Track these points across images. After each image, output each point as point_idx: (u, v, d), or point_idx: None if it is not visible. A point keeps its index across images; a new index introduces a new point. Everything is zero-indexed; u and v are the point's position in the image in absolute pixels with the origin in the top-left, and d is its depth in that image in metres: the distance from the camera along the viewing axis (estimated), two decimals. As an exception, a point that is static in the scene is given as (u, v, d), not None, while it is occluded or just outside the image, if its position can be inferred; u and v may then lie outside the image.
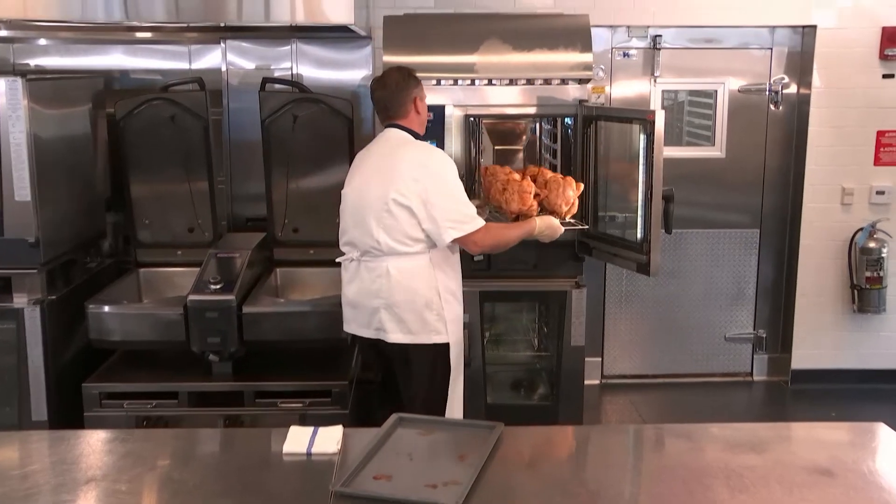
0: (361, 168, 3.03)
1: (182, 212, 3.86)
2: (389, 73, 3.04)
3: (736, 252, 4.73)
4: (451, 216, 2.85)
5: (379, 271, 2.91)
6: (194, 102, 3.76)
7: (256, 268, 3.70)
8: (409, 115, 3.01)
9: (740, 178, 4.66)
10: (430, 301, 2.91)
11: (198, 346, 3.32)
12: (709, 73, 4.58)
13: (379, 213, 2.87)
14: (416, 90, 3.02)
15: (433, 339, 2.93)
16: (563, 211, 3.37)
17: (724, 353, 4.82)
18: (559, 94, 3.71)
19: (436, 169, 2.87)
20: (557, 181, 3.37)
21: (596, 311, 4.63)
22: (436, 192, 2.84)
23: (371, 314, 2.96)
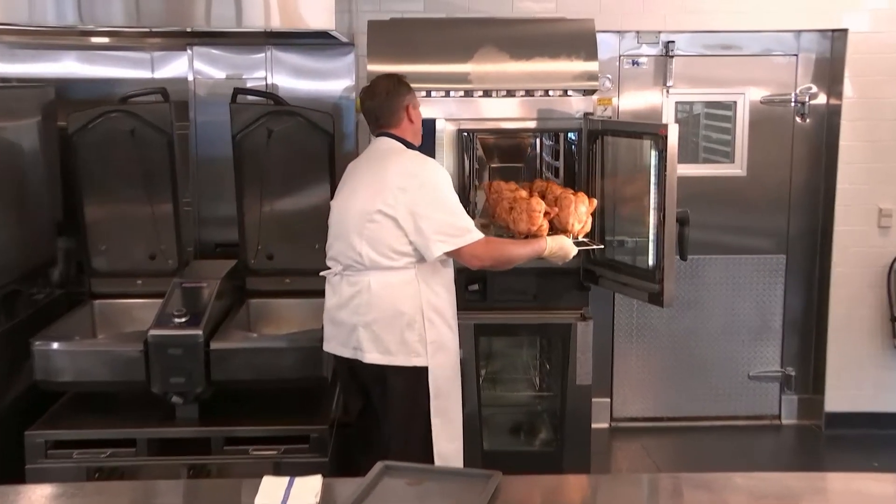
0: (350, 179, 3.14)
1: (143, 236, 3.89)
2: (378, 82, 3.14)
3: (759, 280, 4.77)
4: (441, 228, 2.93)
5: (360, 286, 3.00)
6: (157, 115, 3.81)
7: (226, 299, 3.73)
8: (402, 123, 3.12)
9: (763, 197, 4.70)
10: (412, 320, 2.98)
11: (159, 387, 3.34)
12: (727, 82, 4.64)
13: (362, 224, 2.97)
14: (407, 97, 3.12)
15: (412, 361, 3.00)
16: (575, 230, 3.43)
17: (748, 394, 4.84)
18: (561, 107, 3.78)
19: (426, 178, 2.96)
20: (568, 197, 3.43)
21: (604, 346, 4.65)
22: (425, 203, 2.93)
23: (349, 332, 3.04)
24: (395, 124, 3.12)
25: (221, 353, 3.36)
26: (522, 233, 3.39)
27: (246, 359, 3.38)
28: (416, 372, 3.00)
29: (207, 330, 3.39)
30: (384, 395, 3.06)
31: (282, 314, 3.88)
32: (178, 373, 3.32)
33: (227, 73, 4.36)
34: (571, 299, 3.86)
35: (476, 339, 3.84)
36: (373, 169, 3.05)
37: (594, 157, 3.76)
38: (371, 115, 3.14)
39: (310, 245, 3.79)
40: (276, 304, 3.89)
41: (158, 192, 3.87)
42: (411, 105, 3.13)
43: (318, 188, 3.84)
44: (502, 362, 4.49)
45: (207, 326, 3.39)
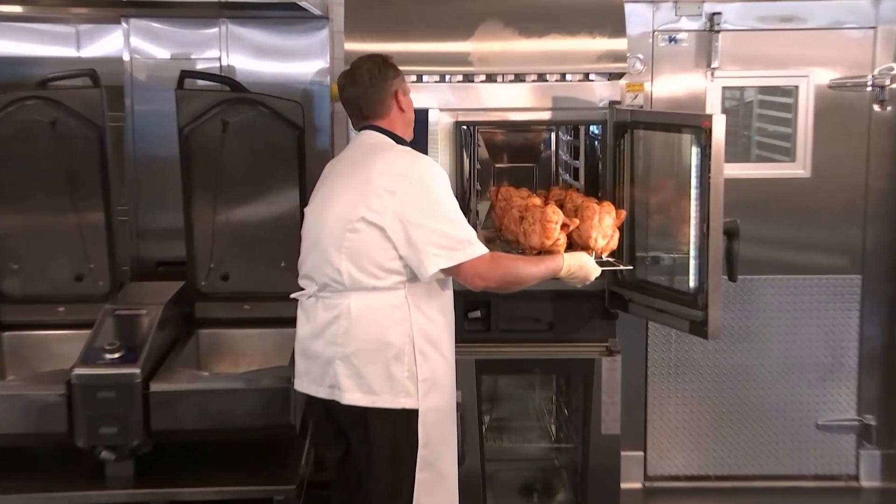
0: (327, 181, 3.21)
1: (66, 253, 3.96)
2: (360, 64, 3.21)
3: (829, 307, 4.77)
4: (438, 240, 2.98)
5: (338, 310, 3.05)
6: (84, 103, 3.88)
7: (170, 329, 3.80)
8: (390, 113, 3.20)
9: (832, 204, 4.71)
10: (400, 352, 3.03)
11: (86, 440, 3.38)
12: (787, 62, 4.65)
13: (342, 235, 3.02)
14: (395, 82, 3.19)
15: (400, 402, 3.04)
16: (598, 246, 3.52)
17: (816, 448, 4.85)
18: (582, 94, 3.87)
19: (418, 178, 3.01)
20: (591, 207, 3.53)
21: (635, 387, 4.69)
22: (418, 209, 2.98)
23: (325, 366, 3.09)
24: (382, 115, 3.19)
25: (164, 396, 3.41)
26: (535, 248, 3.48)
27: (194, 403, 3.44)
28: (404, 415, 3.05)
29: (147, 368, 3.44)
30: (366, 444, 3.10)
31: (239, 348, 3.96)
32: (109, 421, 3.36)
33: (171, 53, 4.44)
34: (595, 329, 3.95)
35: (478, 378, 3.91)
36: (356, 169, 3.10)
37: (622, 155, 3.85)
38: (353, 104, 3.21)
39: (274, 263, 3.89)
40: (233, 335, 3.96)
41: (86, 197, 3.94)
42: (401, 91, 3.20)
43: (284, 193, 3.93)
44: (510, 407, 4.56)
45: (147, 364, 3.45)
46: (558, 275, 3.28)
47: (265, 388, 3.44)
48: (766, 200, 4.68)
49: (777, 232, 4.72)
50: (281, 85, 4.36)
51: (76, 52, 4.51)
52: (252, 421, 3.44)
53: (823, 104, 4.69)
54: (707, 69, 4.65)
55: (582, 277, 3.33)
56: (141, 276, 4.38)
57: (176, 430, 3.44)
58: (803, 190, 4.72)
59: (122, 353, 3.44)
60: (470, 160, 4.03)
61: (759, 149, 4.85)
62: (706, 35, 4.62)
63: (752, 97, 4.82)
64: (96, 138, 3.89)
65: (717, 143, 3.40)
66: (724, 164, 3.44)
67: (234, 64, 4.43)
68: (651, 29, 4.62)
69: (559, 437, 4.50)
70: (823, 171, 4.72)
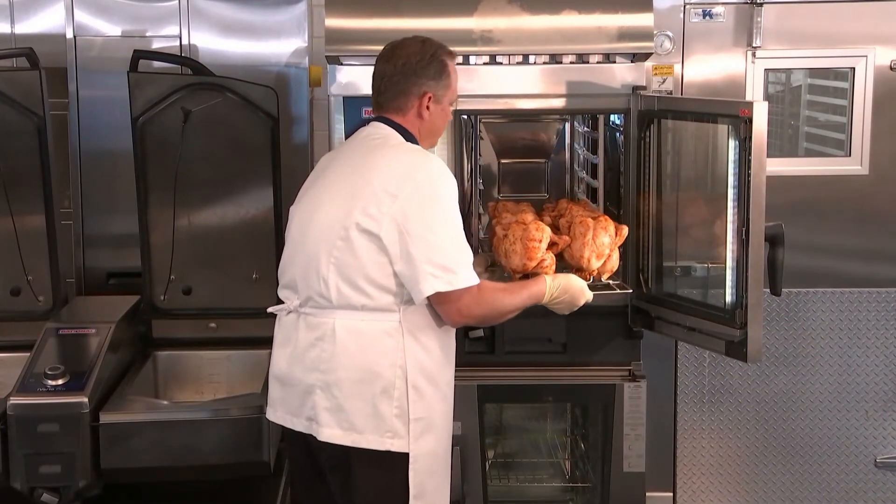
0: (321, 177, 3.23)
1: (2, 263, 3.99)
2: (406, 44, 3.22)
3: (890, 324, 4.75)
4: (438, 258, 2.98)
5: (321, 330, 3.06)
6: (20, 88, 3.92)
7: (123, 351, 3.84)
8: (407, 113, 3.21)
9: (894, 206, 4.71)
10: (390, 385, 3.04)
11: (23, 481, 3.40)
12: (841, 40, 4.63)
13: (332, 242, 3.02)
14: (430, 84, 3.19)
15: (386, 443, 3.04)
16: (593, 268, 3.62)
17: (875, 488, 4.86)
18: (601, 78, 3.92)
19: (426, 182, 3.02)
20: (585, 222, 3.61)
21: (663, 417, 4.70)
22: (420, 218, 2.98)
23: (303, 395, 3.10)
24: (398, 109, 3.21)
25: (115, 429, 3.44)
26: (517, 270, 3.55)
27: (151, 437, 3.47)
28: (390, 460, 3.06)
29: (95, 396, 3.47)
30: (346, 490, 3.10)
31: (203, 373, 4.00)
32: (51, 459, 3.39)
33: (123, 29, 4.45)
34: (616, 351, 4.00)
35: (480, 408, 3.95)
36: (354, 165, 3.12)
37: (648, 149, 3.89)
38: (375, 84, 3.24)
39: (244, 275, 3.95)
40: (196, 358, 4.00)
41: (23, 199, 3.98)
42: (432, 97, 3.20)
43: (256, 194, 3.99)
44: (518, 440, 4.60)
45: (96, 391, 3.48)
46: (541, 300, 3.29)
47: (234, 418, 3.47)
48: (815, 202, 4.68)
49: (828, 238, 4.71)
50: (251, 67, 4.36)
51: (9, 28, 4.53)
52: (219, 457, 3.47)
53: (884, 89, 4.66)
54: (747, 48, 4.63)
55: (568, 303, 3.35)
56: (88, 290, 4.41)
57: (130, 468, 3.46)
58: (860, 189, 4.71)
59: (66, 379, 3.48)
60: (471, 157, 4.06)
61: (808, 141, 4.85)
62: (747, 8, 4.60)
63: (800, 81, 4.82)
64: (34, 129, 3.94)
65: (758, 136, 3.44)
66: (766, 160, 3.48)
67: (196, 43, 4.44)
68: (682, 2, 4.61)
69: (574, 476, 4.54)
70: (883, 168, 4.70)
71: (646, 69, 3.99)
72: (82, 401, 3.41)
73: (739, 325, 3.57)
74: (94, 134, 4.41)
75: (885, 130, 4.68)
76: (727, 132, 3.57)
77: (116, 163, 4.23)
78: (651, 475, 4.07)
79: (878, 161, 4.69)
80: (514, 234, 3.60)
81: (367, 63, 3.83)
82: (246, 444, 3.45)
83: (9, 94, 3.90)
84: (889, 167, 4.70)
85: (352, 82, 3.91)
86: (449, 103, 3.27)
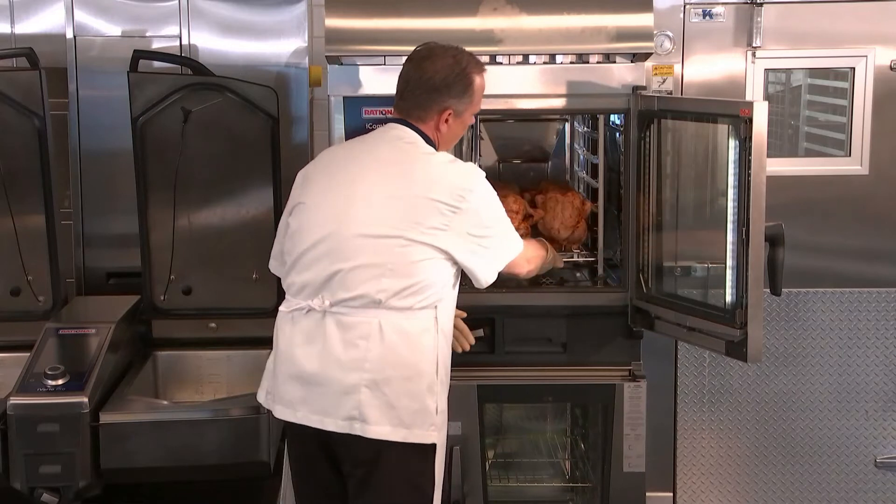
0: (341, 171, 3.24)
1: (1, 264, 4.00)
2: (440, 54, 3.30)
3: (890, 324, 4.75)
4: (506, 245, 3.33)
5: (363, 330, 3.10)
6: (20, 88, 3.92)
7: (123, 351, 3.84)
8: (427, 123, 3.30)
9: (894, 206, 4.71)
10: (432, 382, 3.16)
11: (23, 481, 3.41)
12: (842, 40, 4.62)
13: (388, 249, 3.09)
14: (451, 101, 3.27)
15: (431, 436, 3.16)
16: (561, 237, 4.10)
17: (875, 489, 4.85)
18: (601, 78, 3.92)
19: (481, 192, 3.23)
20: (554, 197, 4.11)
21: (663, 417, 4.69)
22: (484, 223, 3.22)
23: (343, 394, 3.09)
24: (418, 119, 3.29)
25: (115, 429, 3.44)
26: None
27: (151, 437, 3.48)
28: (423, 451, 3.15)
29: (95, 396, 3.47)
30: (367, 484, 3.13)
31: (203, 373, 4.00)
32: (51, 459, 3.39)
33: (123, 29, 4.44)
34: (616, 351, 4.01)
35: (480, 408, 3.95)
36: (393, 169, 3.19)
37: (648, 148, 3.90)
38: (400, 86, 3.30)
39: (244, 274, 3.96)
40: (196, 358, 4.01)
41: (24, 198, 3.98)
42: (452, 113, 3.29)
43: (256, 193, 3.99)
44: (518, 440, 4.60)
45: (96, 391, 3.48)
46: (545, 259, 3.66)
47: (234, 418, 3.47)
48: (815, 201, 4.67)
49: (829, 238, 4.71)
50: (251, 68, 4.35)
51: (9, 28, 4.52)
52: (219, 457, 3.48)
53: (885, 89, 4.65)
54: (747, 48, 4.63)
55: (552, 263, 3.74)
56: (88, 290, 4.39)
57: (129, 468, 3.47)
58: (860, 189, 4.70)
59: (66, 379, 3.48)
60: (472, 155, 4.07)
61: (809, 141, 4.85)
62: (747, 8, 4.60)
63: (800, 81, 4.82)
64: (34, 129, 3.94)
65: (758, 135, 3.45)
66: (766, 160, 3.49)
67: (196, 43, 4.43)
68: (682, 2, 4.60)
69: (574, 476, 4.55)
70: (884, 168, 4.69)
71: (646, 69, 4.00)
72: (82, 401, 3.41)
73: (739, 325, 3.58)
74: (94, 134, 4.40)
75: (885, 130, 4.67)
76: (727, 132, 3.58)
77: (116, 163, 4.22)
78: (651, 475, 4.08)
79: (878, 161, 4.69)
80: None
81: (367, 63, 3.86)
82: (246, 443, 3.45)
83: (9, 94, 3.90)
84: (889, 167, 4.70)
85: (352, 82, 3.91)
86: (471, 115, 3.39)
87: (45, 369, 3.49)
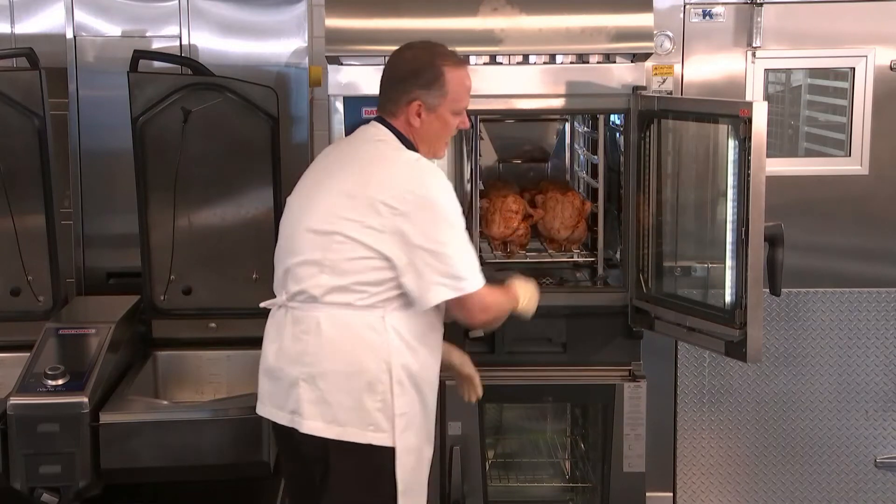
0: (315, 169, 3.27)
1: (1, 264, 4.00)
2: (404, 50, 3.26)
3: (890, 324, 4.75)
4: (444, 268, 3.03)
5: (306, 324, 3.09)
6: (20, 88, 3.93)
7: (124, 351, 3.84)
8: (399, 117, 3.21)
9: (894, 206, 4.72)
10: (374, 379, 3.06)
11: (23, 481, 3.41)
12: (842, 40, 4.62)
13: (326, 243, 3.06)
14: (419, 92, 3.17)
15: (368, 436, 3.06)
16: (561, 238, 4.13)
17: (874, 489, 4.86)
18: (601, 78, 3.93)
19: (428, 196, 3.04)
20: (554, 197, 4.14)
21: (663, 417, 4.70)
22: (424, 232, 3.02)
23: (288, 388, 3.10)
24: (391, 113, 3.22)
25: (115, 429, 3.45)
26: (496, 238, 4.03)
27: (151, 437, 3.48)
28: (372, 452, 3.07)
29: (95, 396, 3.48)
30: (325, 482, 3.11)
31: (203, 373, 4.01)
32: (51, 459, 3.40)
33: (123, 29, 4.46)
34: (616, 351, 4.01)
35: (480, 408, 3.95)
36: (351, 166, 3.15)
37: (647, 149, 3.90)
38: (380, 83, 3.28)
39: (244, 275, 3.96)
40: (196, 358, 4.01)
41: (24, 199, 3.99)
42: (422, 106, 3.18)
43: (256, 194, 4.00)
44: (518, 441, 4.61)
45: (96, 391, 3.49)
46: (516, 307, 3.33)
47: (234, 419, 3.48)
48: (815, 201, 4.68)
49: (828, 238, 4.72)
50: (251, 68, 4.36)
51: (9, 28, 4.53)
52: (219, 457, 3.48)
53: (885, 89, 4.66)
54: (747, 48, 4.63)
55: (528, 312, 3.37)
56: (88, 290, 4.41)
57: (130, 468, 3.47)
58: (860, 189, 4.71)
59: (66, 379, 3.48)
60: (471, 156, 4.07)
61: (808, 141, 4.86)
62: (747, 8, 4.60)
63: (800, 81, 4.83)
64: (35, 129, 3.94)
65: (757, 135, 3.46)
66: (766, 160, 3.49)
67: (196, 43, 4.44)
68: (682, 2, 4.61)
69: (574, 476, 4.55)
70: (883, 168, 4.70)
71: (646, 69, 4.00)
72: (82, 401, 3.42)
73: (739, 325, 3.58)
74: (94, 134, 4.42)
75: (885, 130, 4.68)
76: (727, 132, 3.58)
77: (116, 163, 4.23)
78: (651, 475, 4.08)
79: (878, 161, 4.69)
80: (494, 206, 4.08)
81: (367, 63, 3.86)
82: (246, 444, 3.45)
83: (9, 94, 3.91)
84: (889, 167, 4.70)
85: (352, 82, 3.91)
86: (451, 112, 3.23)
87: (45, 369, 3.50)
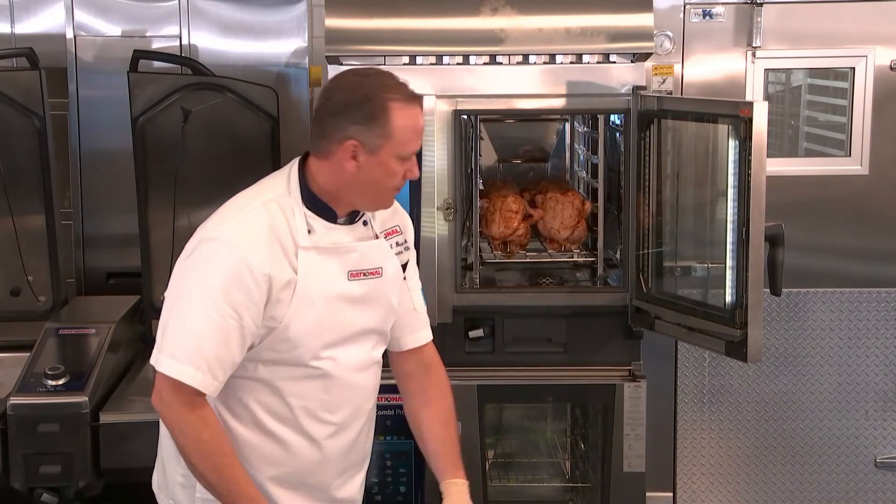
0: None
1: (1, 264, 4.03)
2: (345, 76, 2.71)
3: (890, 325, 4.76)
4: (172, 339, 2.67)
5: None
6: (20, 88, 3.95)
7: (124, 351, 3.86)
8: (328, 159, 2.63)
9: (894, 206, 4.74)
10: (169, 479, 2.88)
11: (23, 481, 3.42)
12: (841, 40, 4.63)
13: None
14: (354, 129, 2.57)
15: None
16: (561, 238, 4.11)
17: (874, 489, 4.86)
18: (601, 78, 3.93)
19: (204, 248, 2.68)
20: (554, 197, 4.14)
21: (663, 417, 4.71)
22: (177, 286, 2.69)
23: None
24: (321, 150, 2.65)
25: (116, 429, 3.46)
26: (496, 238, 4.00)
27: (151, 437, 3.39)
28: None
29: (96, 396, 3.49)
30: None
31: (203, 373, 3.99)
32: (51, 459, 3.41)
33: (123, 29, 4.47)
34: (616, 351, 4.01)
35: (480, 408, 3.95)
36: None
37: (647, 148, 3.90)
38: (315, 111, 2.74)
39: (244, 274, 3.93)
40: (196, 358, 4.00)
41: (24, 199, 4.02)
42: (359, 147, 2.57)
43: (255, 193, 3.98)
44: (518, 440, 4.60)
45: (96, 391, 3.50)
46: None
47: (234, 419, 3.46)
48: (815, 202, 4.69)
49: (829, 238, 4.72)
50: (251, 68, 4.39)
51: (9, 27, 4.54)
52: (218, 457, 3.47)
53: (885, 89, 4.66)
54: (747, 48, 4.63)
55: None
56: (88, 290, 4.42)
57: (130, 468, 3.47)
58: (860, 189, 4.72)
59: (66, 379, 3.50)
60: (471, 157, 4.08)
61: (808, 141, 4.86)
62: (747, 8, 4.61)
63: (800, 81, 4.83)
64: (35, 129, 3.96)
65: (758, 135, 3.46)
66: (766, 160, 3.49)
67: (196, 43, 4.46)
68: (682, 2, 4.62)
69: (574, 476, 4.55)
70: (884, 168, 4.70)
71: (646, 69, 4.01)
72: (82, 401, 3.43)
73: (739, 325, 3.58)
74: (94, 134, 4.43)
75: (885, 130, 4.68)
76: (727, 132, 3.58)
77: (116, 163, 4.24)
78: (651, 475, 4.08)
79: (878, 161, 4.69)
80: (494, 206, 4.07)
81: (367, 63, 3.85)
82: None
83: (9, 94, 3.93)
84: (889, 167, 4.71)
85: (352, 82, 3.91)
86: (396, 157, 2.60)
87: (45, 369, 3.51)
